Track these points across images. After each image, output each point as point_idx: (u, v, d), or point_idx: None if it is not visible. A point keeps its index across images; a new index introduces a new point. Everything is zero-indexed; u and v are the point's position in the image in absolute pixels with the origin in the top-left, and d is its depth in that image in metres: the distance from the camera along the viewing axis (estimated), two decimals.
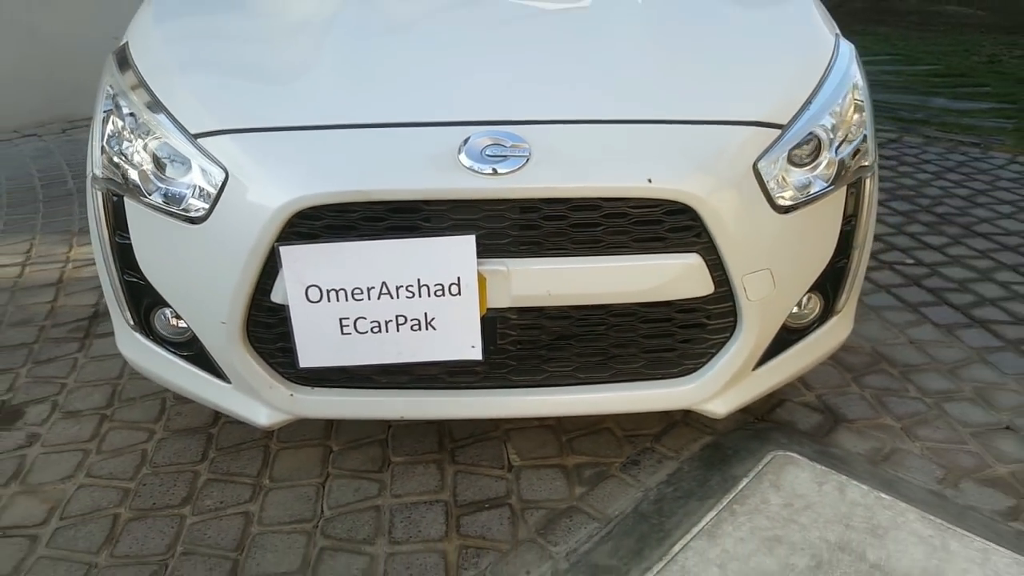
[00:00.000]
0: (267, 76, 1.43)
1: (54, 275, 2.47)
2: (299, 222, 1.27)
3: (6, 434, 1.74)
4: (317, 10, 1.61)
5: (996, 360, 2.01)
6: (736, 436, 1.70)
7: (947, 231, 2.79)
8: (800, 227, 1.40)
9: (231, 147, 1.31)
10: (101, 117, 1.46)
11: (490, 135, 1.28)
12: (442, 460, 1.64)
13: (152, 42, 1.54)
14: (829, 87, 1.45)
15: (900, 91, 4.93)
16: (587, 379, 1.45)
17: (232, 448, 1.68)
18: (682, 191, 1.27)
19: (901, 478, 1.58)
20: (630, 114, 1.34)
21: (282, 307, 1.33)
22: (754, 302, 1.38)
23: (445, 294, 1.31)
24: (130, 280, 1.46)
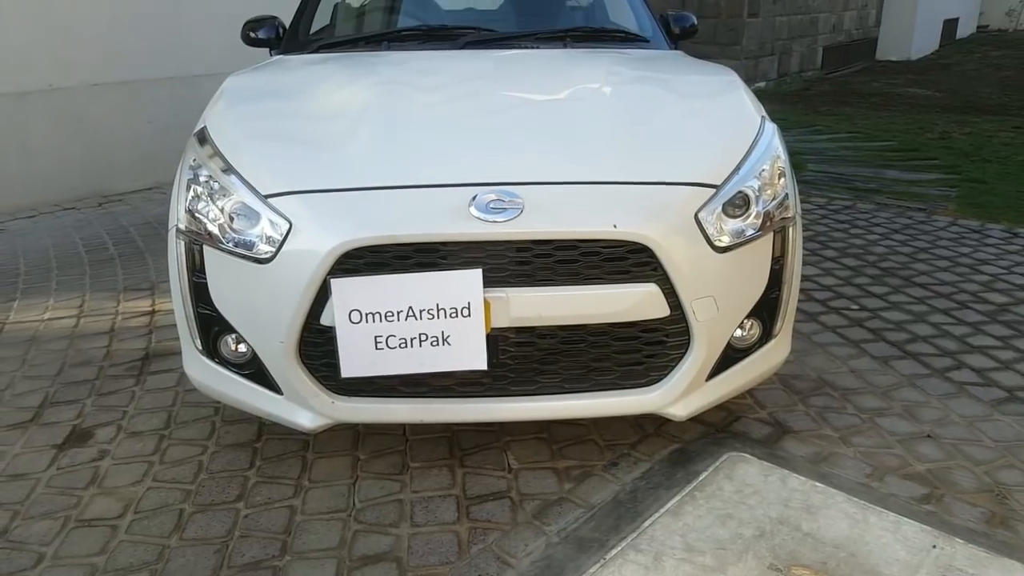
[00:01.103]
0: (318, 150, 1.83)
1: (106, 325, 2.81)
2: (345, 260, 1.63)
3: (80, 450, 2.05)
4: (355, 98, 2.02)
5: (923, 384, 2.35)
6: (699, 443, 2.03)
7: (889, 282, 3.18)
8: (736, 264, 1.78)
9: (294, 204, 1.69)
10: (185, 182, 1.84)
11: (493, 192, 1.66)
12: (453, 464, 1.96)
13: (226, 124, 1.94)
14: (754, 156, 1.85)
15: (857, 164, 5.41)
16: (572, 388, 1.79)
17: (275, 458, 2.00)
18: (640, 234, 1.65)
19: (835, 473, 1.91)
20: (599, 177, 1.73)
21: (328, 329, 1.68)
22: (702, 323, 1.74)
23: (458, 316, 1.66)
24: (203, 312, 1.82)
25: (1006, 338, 2.66)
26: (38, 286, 3.21)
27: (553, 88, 2.13)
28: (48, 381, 2.42)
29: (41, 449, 2.05)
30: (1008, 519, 1.74)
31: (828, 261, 3.44)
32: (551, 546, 1.65)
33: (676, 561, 1.56)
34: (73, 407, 2.26)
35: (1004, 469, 1.93)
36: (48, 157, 4.39)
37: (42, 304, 3.02)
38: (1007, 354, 2.54)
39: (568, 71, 2.28)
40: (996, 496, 1.83)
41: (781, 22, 10.18)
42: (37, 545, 1.69)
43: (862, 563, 1.55)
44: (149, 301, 3.04)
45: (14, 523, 1.76)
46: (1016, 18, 19.10)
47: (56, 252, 3.62)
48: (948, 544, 1.61)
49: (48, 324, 2.84)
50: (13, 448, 2.06)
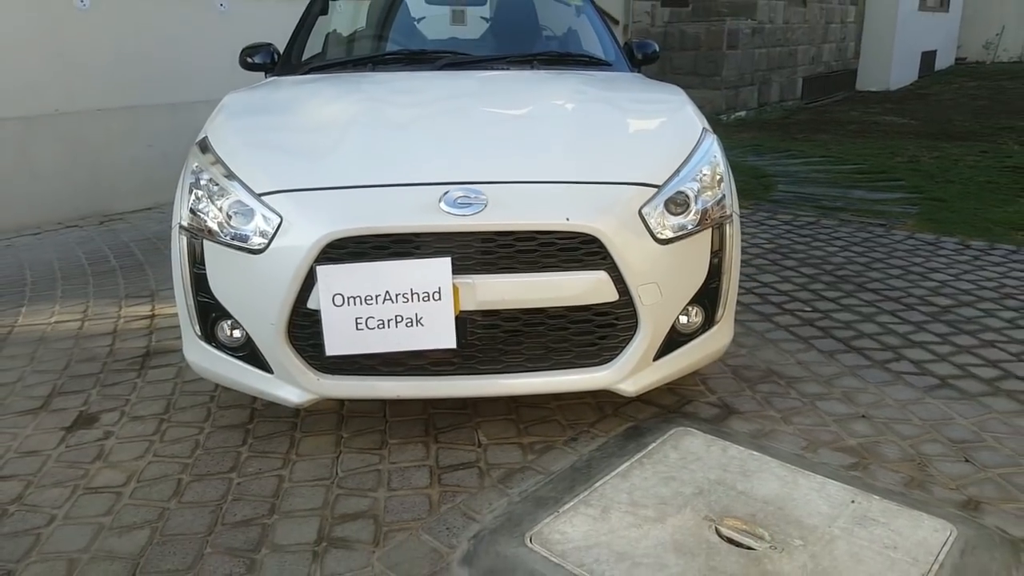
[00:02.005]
0: (307, 155, 2.05)
1: (109, 327, 3.01)
2: (329, 250, 1.84)
3: (87, 431, 2.23)
4: (341, 112, 2.25)
5: (863, 374, 2.56)
6: (651, 421, 2.23)
7: (843, 288, 3.40)
8: (677, 254, 1.99)
9: (285, 201, 1.90)
10: (188, 185, 2.05)
11: (460, 190, 1.88)
12: (428, 441, 2.15)
13: (225, 134, 2.16)
14: (694, 161, 2.08)
15: (825, 185, 5.67)
16: (534, 367, 1.99)
17: (265, 436, 2.19)
18: (590, 226, 1.87)
19: (773, 446, 2.11)
20: (554, 177, 1.95)
21: (314, 312, 1.89)
22: (648, 306, 1.96)
23: (430, 299, 1.87)
24: (202, 300, 2.02)
25: (945, 335, 2.87)
26: (44, 294, 3.40)
27: (518, 103, 2.37)
28: (55, 375, 2.61)
29: (50, 431, 2.24)
30: (924, 483, 1.94)
31: (787, 270, 3.67)
32: (512, 504, 1.85)
33: (621, 513, 1.75)
34: (79, 396, 2.45)
35: (928, 443, 2.13)
36: (53, 178, 4.61)
37: (48, 310, 3.22)
38: (944, 348, 2.76)
39: (532, 88, 2.52)
40: (917, 464, 2.03)
41: (760, 54, 10.54)
42: (49, 508, 1.87)
43: (787, 515, 1.75)
44: (149, 307, 3.23)
45: (28, 490, 1.95)
46: (993, 51, 19.64)
47: (60, 264, 3.83)
48: (866, 500, 1.81)
49: (54, 327, 3.03)
50: (25, 430, 2.24)
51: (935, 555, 1.60)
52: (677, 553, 1.61)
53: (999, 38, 19.49)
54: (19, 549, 1.72)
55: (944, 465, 2.02)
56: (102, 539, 1.75)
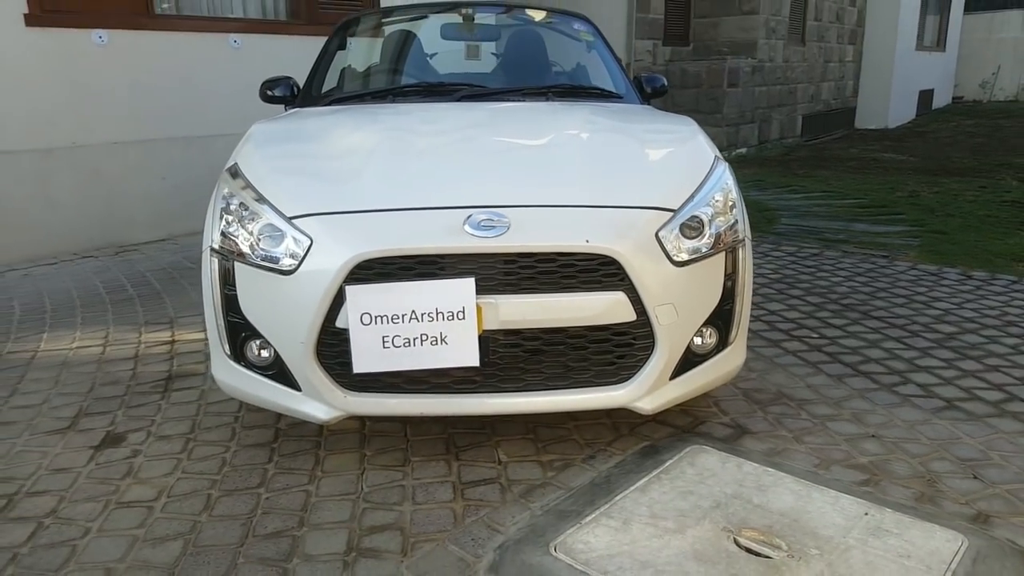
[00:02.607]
0: (335, 180, 2.14)
1: (131, 352, 3.08)
2: (358, 271, 1.92)
3: (115, 450, 2.29)
4: (365, 140, 2.35)
5: (871, 396, 2.62)
6: (667, 440, 2.28)
7: (849, 315, 3.47)
8: (693, 277, 2.07)
9: (315, 224, 1.99)
10: (219, 210, 2.13)
11: (484, 214, 1.97)
12: (449, 459, 2.20)
13: (254, 161, 2.25)
14: (707, 187, 2.17)
15: (827, 219, 5.78)
16: (554, 385, 2.06)
17: (290, 455, 2.24)
18: (609, 248, 1.95)
19: (786, 463, 2.16)
20: (574, 201, 2.04)
21: (342, 332, 1.96)
22: (664, 326, 2.03)
23: (454, 319, 1.94)
24: (232, 320, 2.09)
25: (950, 360, 2.94)
26: (64, 321, 3.48)
27: (536, 132, 2.47)
28: (81, 397, 2.67)
29: (79, 449, 2.29)
30: (935, 498, 1.99)
31: (793, 298, 3.74)
32: (535, 517, 1.90)
33: (642, 524, 1.80)
34: (106, 417, 2.51)
35: (937, 460, 2.19)
36: (69, 209, 4.72)
37: (70, 335, 3.29)
38: (949, 373, 2.82)
39: (549, 118, 2.62)
40: (927, 481, 2.08)
41: (760, 92, 10.76)
42: (84, 521, 1.92)
43: (803, 526, 1.80)
44: (169, 333, 3.30)
45: (61, 504, 2.00)
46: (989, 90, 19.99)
47: (79, 293, 3.90)
48: (879, 512, 1.86)
49: (76, 352, 3.10)
50: (54, 449, 2.30)
51: (948, 564, 1.65)
52: (698, 561, 1.66)
53: (995, 78, 19.85)
54: (56, 560, 1.77)
55: (953, 481, 2.07)
56: (137, 550, 1.80)
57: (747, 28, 10.51)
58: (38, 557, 1.78)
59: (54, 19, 4.48)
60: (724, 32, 10.68)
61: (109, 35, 4.72)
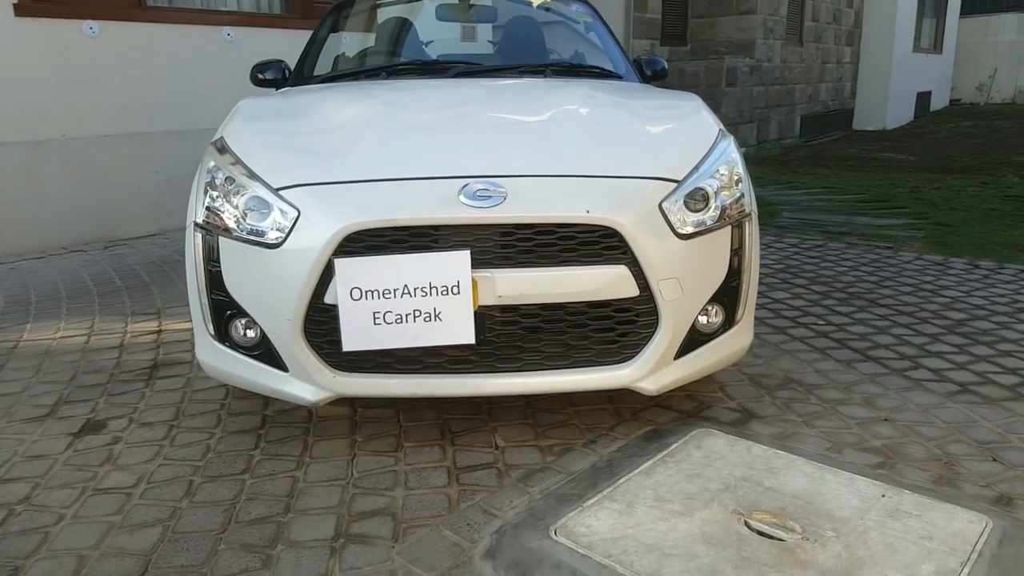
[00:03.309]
0: (325, 152, 2.05)
1: (115, 341, 2.98)
2: (347, 244, 1.83)
3: (95, 437, 2.19)
4: (357, 113, 2.26)
5: (882, 381, 2.53)
6: (672, 424, 2.18)
7: (855, 303, 3.38)
8: (698, 250, 1.98)
9: (302, 195, 1.89)
10: (203, 184, 2.04)
11: (480, 183, 1.87)
12: (444, 444, 2.11)
13: (241, 135, 2.16)
14: (712, 159, 2.08)
15: (829, 213, 5.69)
16: (553, 365, 1.96)
17: (278, 441, 2.14)
18: (610, 219, 1.86)
19: (797, 446, 2.07)
20: (574, 171, 1.94)
21: (330, 308, 1.87)
22: (669, 302, 1.93)
23: (448, 294, 1.85)
24: (216, 298, 2.00)
25: (962, 346, 2.85)
26: (49, 311, 3.38)
27: (534, 105, 2.38)
28: (62, 385, 2.57)
29: (58, 436, 2.19)
30: (954, 480, 1.90)
31: (798, 287, 3.65)
32: (533, 501, 1.80)
33: (647, 508, 1.71)
34: (87, 404, 2.41)
35: (953, 443, 2.09)
36: (59, 203, 4.62)
37: (54, 326, 3.19)
38: (962, 358, 2.72)
39: (547, 93, 2.53)
40: (944, 464, 1.98)
41: (759, 92, 10.69)
42: (58, 508, 1.82)
43: (817, 509, 1.70)
44: (156, 323, 3.20)
45: (35, 491, 1.89)
46: (987, 93, 19.97)
47: (65, 285, 3.80)
48: (896, 494, 1.76)
49: (60, 341, 3.00)
50: (31, 436, 2.20)
51: (973, 544, 1.55)
52: (707, 544, 1.56)
53: (992, 80, 19.83)
54: (27, 546, 1.67)
55: (972, 464, 1.98)
56: (112, 537, 1.70)
57: (744, 28, 10.45)
58: (7, 544, 1.68)
59: (44, 9, 4.39)
60: (722, 32, 10.62)
61: (100, 26, 4.64)
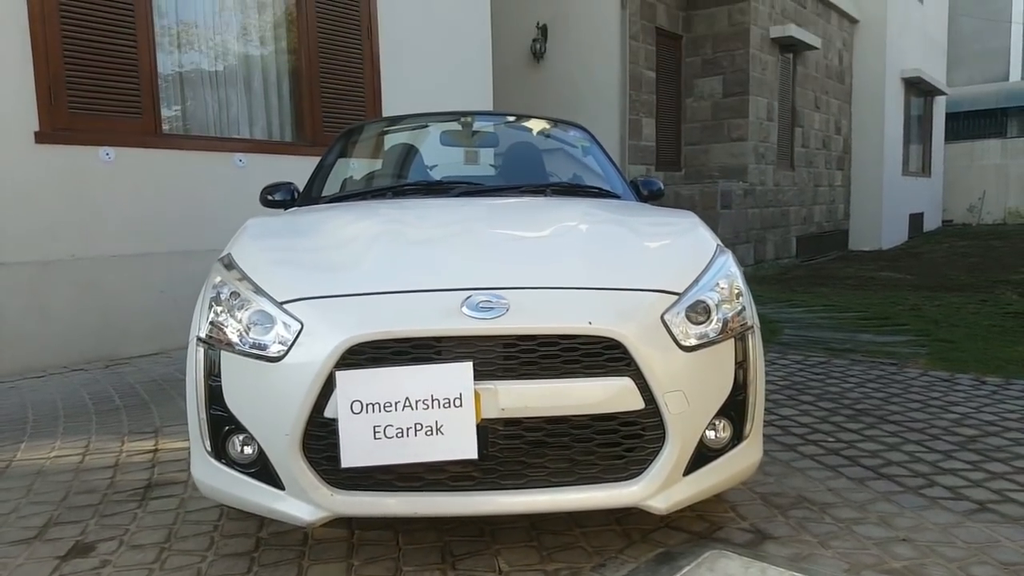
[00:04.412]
0: (330, 266, 2.08)
1: (111, 461, 2.91)
2: (349, 356, 1.82)
3: (82, 560, 2.10)
4: (362, 231, 2.31)
5: (898, 499, 2.45)
6: (683, 546, 2.10)
7: (864, 420, 3.33)
8: (702, 363, 1.97)
9: (306, 308, 1.90)
10: (209, 299, 2.06)
11: (483, 295, 1.89)
12: (445, 568, 2.02)
13: (248, 251, 2.19)
14: (711, 272, 2.11)
15: (831, 330, 5.70)
16: (558, 482, 1.91)
17: (271, 564, 2.05)
18: (613, 331, 1.86)
19: (814, 568, 1.97)
20: (576, 283, 1.96)
21: (330, 423, 1.84)
22: (675, 415, 1.90)
23: (451, 406, 1.82)
24: (215, 413, 1.97)
25: (976, 462, 2.78)
26: (45, 430, 3.32)
27: (535, 221, 2.44)
28: (52, 506, 2.49)
29: (43, 560, 2.10)
30: None
31: (805, 404, 3.61)
32: None
33: None
34: (76, 526, 2.33)
35: (977, 565, 2.00)
36: (64, 322, 4.65)
37: (48, 445, 3.13)
38: (977, 475, 2.65)
39: (548, 211, 2.60)
40: None
41: (753, 213, 10.97)
42: None
43: None
44: (152, 442, 3.15)
45: None
46: (977, 213, 20.49)
47: (64, 404, 3.76)
48: None
49: (54, 461, 2.93)
50: (16, 560, 2.11)
51: None
52: None
53: (981, 202, 20.40)
54: None
55: None
56: None
57: (736, 154, 10.86)
58: None
59: (63, 137, 4.58)
60: (714, 158, 11.03)
61: (116, 152, 4.83)
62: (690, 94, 11.09)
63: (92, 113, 4.71)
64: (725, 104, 10.79)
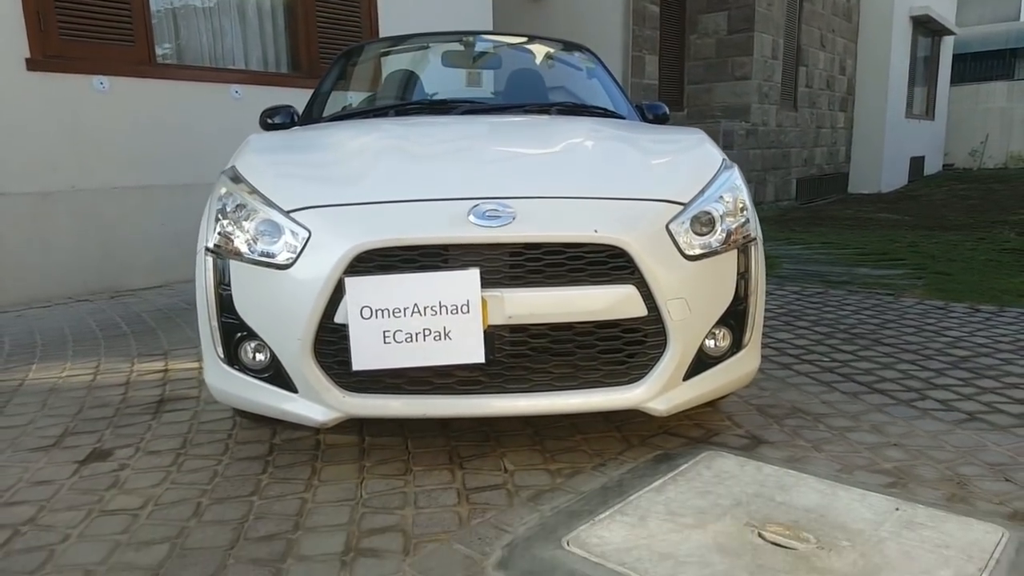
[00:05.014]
0: (336, 177, 2.10)
1: (122, 379, 2.98)
2: (358, 263, 1.86)
3: (101, 464, 2.18)
4: (367, 144, 2.32)
5: (890, 410, 2.52)
6: (681, 449, 2.18)
7: (859, 343, 3.39)
8: (705, 272, 2.01)
9: (313, 217, 1.94)
10: (215, 211, 2.08)
11: (490, 204, 1.92)
12: (453, 468, 2.09)
13: (254, 164, 2.21)
14: (717, 184, 2.14)
15: (828, 264, 5.75)
16: (562, 386, 1.97)
17: (285, 466, 2.13)
18: (618, 239, 1.90)
19: (807, 468, 2.05)
20: (582, 193, 1.99)
21: (340, 328, 1.89)
22: (677, 322, 1.95)
23: (458, 312, 1.87)
24: (226, 321, 2.02)
25: (967, 379, 2.85)
26: (55, 354, 3.38)
27: (541, 137, 2.45)
28: (68, 418, 2.56)
29: (63, 464, 2.18)
30: (967, 498, 1.88)
31: (801, 328, 3.67)
32: (544, 517, 1.78)
33: (659, 521, 1.69)
34: (93, 435, 2.40)
35: (965, 465, 2.08)
36: (66, 253, 4.67)
37: (59, 366, 3.19)
38: (968, 390, 2.73)
39: (553, 127, 2.61)
40: (957, 483, 1.97)
41: (755, 154, 10.92)
42: (64, 528, 1.80)
43: (831, 521, 1.69)
44: (162, 363, 3.21)
45: (41, 513, 1.88)
46: (979, 158, 20.35)
47: (71, 331, 3.82)
48: (910, 508, 1.75)
49: (66, 380, 3.00)
50: (36, 464, 2.18)
51: (990, 553, 1.54)
52: (722, 553, 1.55)
53: (983, 146, 20.25)
54: (32, 563, 1.65)
55: (984, 483, 1.96)
56: (119, 554, 1.68)
57: (740, 93, 10.75)
58: (12, 561, 1.66)
59: (56, 64, 4.53)
60: (718, 97, 10.92)
61: (110, 81, 4.78)
62: (694, 31, 10.92)
63: (84, 40, 4.65)
64: (729, 41, 10.64)
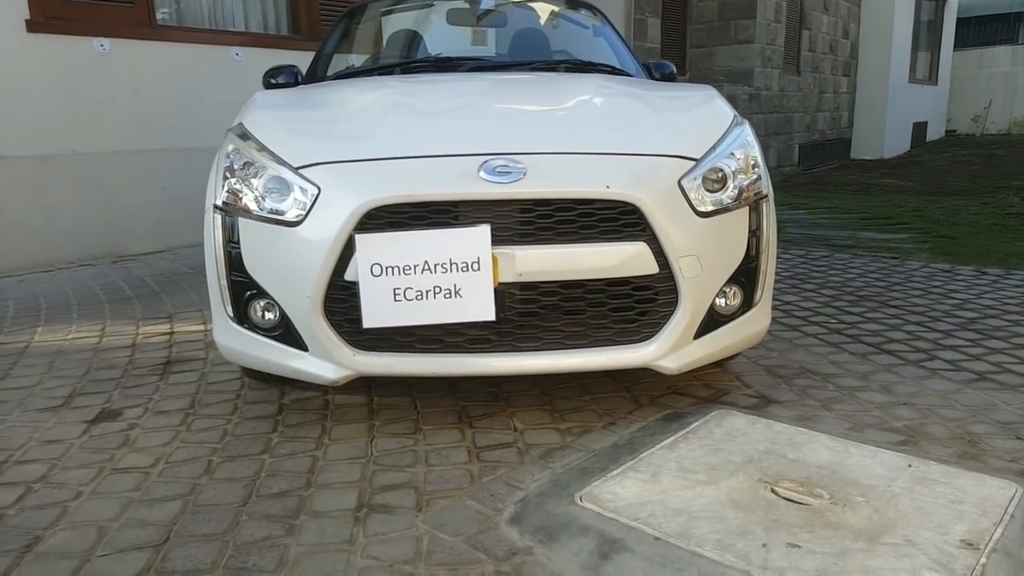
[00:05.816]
0: (345, 135, 2.07)
1: (128, 341, 2.97)
2: (368, 220, 1.84)
3: (111, 424, 2.18)
4: (375, 101, 2.28)
5: (898, 371, 2.52)
6: (691, 408, 2.17)
7: (866, 304, 3.38)
8: (717, 229, 1.99)
9: (323, 173, 1.91)
10: (223, 169, 2.05)
11: (501, 159, 1.89)
12: (462, 427, 2.09)
13: (261, 120, 2.17)
14: (728, 140, 2.11)
15: (833, 228, 5.72)
16: (572, 344, 1.96)
17: (295, 425, 2.13)
18: (630, 195, 1.87)
19: (818, 426, 2.05)
20: (593, 149, 1.97)
21: (350, 285, 1.87)
22: (688, 279, 1.94)
23: (469, 270, 1.85)
24: (236, 279, 2.00)
25: (975, 340, 2.84)
26: (60, 317, 3.37)
27: (550, 93, 2.41)
28: (75, 379, 2.56)
29: (73, 424, 2.18)
30: (978, 455, 1.88)
31: (808, 291, 3.66)
32: (556, 474, 1.78)
33: (672, 477, 1.69)
34: (101, 396, 2.40)
35: (975, 424, 2.08)
36: (68, 218, 4.64)
37: (65, 328, 3.18)
38: (976, 351, 2.72)
39: (562, 83, 2.57)
40: (968, 441, 1.97)
41: (757, 119, 10.81)
42: (75, 485, 1.80)
43: (843, 477, 1.69)
44: (168, 326, 3.20)
45: (52, 471, 1.88)
46: (982, 124, 20.18)
47: (75, 295, 3.80)
48: (923, 464, 1.75)
49: (72, 342, 2.99)
50: (46, 424, 2.18)
51: (1004, 508, 1.54)
52: (735, 508, 1.55)
53: (987, 112, 20.06)
54: (46, 519, 1.65)
55: (995, 441, 1.97)
56: (132, 510, 1.68)
57: (743, 57, 10.62)
58: (26, 517, 1.66)
59: (56, 26, 4.45)
60: (720, 61, 10.78)
61: (110, 44, 4.71)
62: None
63: (84, 2, 4.57)
64: (732, 4, 10.48)
